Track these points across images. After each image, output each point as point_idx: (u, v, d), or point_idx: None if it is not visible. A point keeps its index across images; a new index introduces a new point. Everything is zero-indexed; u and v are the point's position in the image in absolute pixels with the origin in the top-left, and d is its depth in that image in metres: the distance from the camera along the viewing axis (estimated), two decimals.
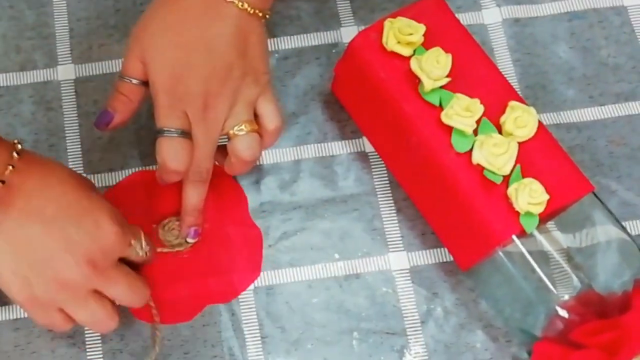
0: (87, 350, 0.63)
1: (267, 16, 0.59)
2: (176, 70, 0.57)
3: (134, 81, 0.60)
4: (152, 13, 0.59)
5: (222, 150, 0.62)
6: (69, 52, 0.71)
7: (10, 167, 0.52)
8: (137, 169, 0.68)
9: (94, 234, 0.54)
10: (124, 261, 0.57)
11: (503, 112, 0.60)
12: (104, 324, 0.56)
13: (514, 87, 0.65)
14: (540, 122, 0.60)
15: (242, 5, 0.57)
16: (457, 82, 0.60)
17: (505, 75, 0.63)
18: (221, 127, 0.59)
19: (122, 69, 0.60)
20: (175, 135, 0.58)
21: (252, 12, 0.57)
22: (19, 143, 0.54)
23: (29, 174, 0.53)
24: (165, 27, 0.58)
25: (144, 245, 0.58)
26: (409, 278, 0.66)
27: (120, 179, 0.67)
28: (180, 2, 0.57)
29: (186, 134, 0.59)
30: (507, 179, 0.59)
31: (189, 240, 0.64)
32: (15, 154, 0.53)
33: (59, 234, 0.53)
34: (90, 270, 0.53)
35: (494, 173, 0.58)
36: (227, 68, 0.58)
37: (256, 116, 0.61)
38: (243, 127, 0.59)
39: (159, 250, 0.64)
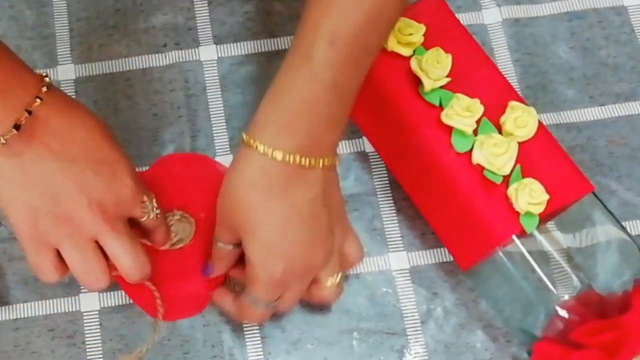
0: (87, 350, 0.63)
1: (338, 160, 0.57)
2: (273, 248, 0.55)
3: (230, 247, 0.59)
4: (237, 187, 0.55)
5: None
6: (69, 52, 0.71)
7: (39, 100, 0.52)
8: (137, 168, 0.68)
9: (110, 183, 0.54)
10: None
11: (503, 112, 0.60)
12: (93, 278, 0.55)
13: (514, 87, 0.65)
14: (540, 122, 0.60)
15: (323, 165, 0.54)
16: (457, 82, 0.60)
17: (505, 75, 0.63)
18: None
19: (217, 234, 0.59)
20: (262, 306, 0.58)
21: (330, 165, 0.55)
22: (46, 76, 0.53)
23: (56, 110, 0.53)
24: (253, 206, 0.55)
25: (155, 207, 0.58)
26: (409, 278, 0.66)
27: None
28: (261, 177, 0.54)
29: (272, 304, 0.59)
30: (507, 179, 0.59)
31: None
32: (44, 88, 0.52)
33: (77, 175, 0.53)
34: (100, 214, 0.53)
35: (494, 173, 0.58)
36: (325, 230, 0.56)
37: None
38: (335, 277, 0.59)
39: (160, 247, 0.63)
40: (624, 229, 0.61)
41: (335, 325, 0.64)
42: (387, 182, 0.68)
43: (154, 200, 0.58)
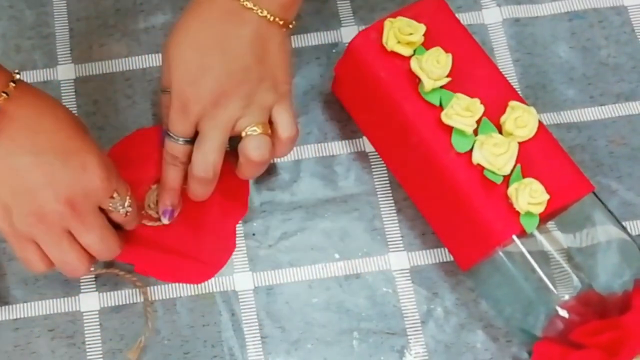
0: (87, 350, 0.63)
1: (291, 26, 0.60)
2: (191, 73, 0.58)
3: (180, 141, 0.61)
4: (178, 22, 0.59)
5: (234, 154, 0.62)
6: (69, 52, 0.71)
7: (5, 95, 0.53)
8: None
9: (79, 174, 0.54)
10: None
11: (503, 112, 0.60)
12: (73, 267, 0.57)
13: (514, 87, 0.65)
14: (540, 122, 0.60)
15: (261, 13, 0.57)
16: (457, 82, 0.60)
17: (506, 75, 0.63)
18: (231, 125, 0.59)
19: (160, 81, 0.61)
20: (180, 143, 0.60)
21: (272, 19, 0.58)
22: (18, 73, 0.54)
23: (25, 104, 0.54)
24: (186, 33, 0.58)
25: (126, 204, 0.58)
26: (409, 278, 0.66)
27: None
28: (203, 9, 0.58)
29: (190, 142, 0.60)
30: (507, 179, 0.59)
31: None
32: (12, 83, 0.54)
33: (45, 167, 0.53)
34: (68, 209, 0.54)
35: (494, 173, 0.58)
36: (242, 70, 0.58)
37: (271, 124, 0.61)
38: (255, 128, 0.59)
39: (144, 222, 0.64)
40: (624, 229, 0.61)
41: (336, 325, 0.64)
42: (387, 182, 0.68)
43: (128, 197, 0.58)
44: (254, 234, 0.67)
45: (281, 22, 0.58)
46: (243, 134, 0.59)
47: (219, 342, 0.64)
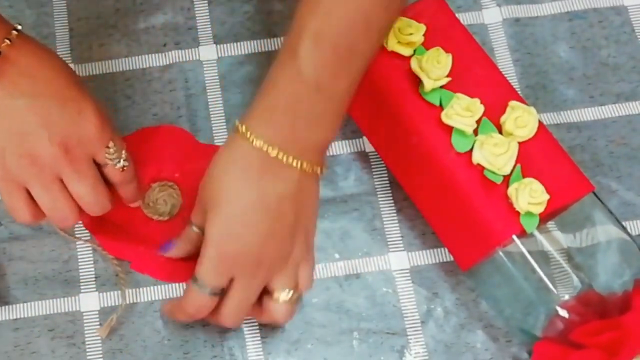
0: (87, 350, 0.63)
1: (323, 172, 0.58)
2: (231, 228, 0.56)
3: (195, 229, 0.60)
4: (217, 170, 0.57)
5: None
6: (69, 51, 0.71)
7: (7, 41, 0.54)
8: None
9: (75, 120, 0.55)
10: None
11: (503, 112, 0.60)
12: (61, 215, 0.57)
13: (514, 87, 0.65)
14: (540, 122, 0.60)
15: (301, 167, 0.55)
16: (458, 82, 0.60)
17: (506, 75, 0.63)
18: (263, 285, 0.58)
19: (192, 216, 0.60)
20: (207, 293, 0.57)
21: (310, 170, 0.56)
22: (19, 24, 0.55)
23: (26, 51, 0.55)
24: (226, 188, 0.56)
25: (122, 157, 0.57)
26: (409, 278, 0.66)
27: None
28: (243, 166, 0.56)
29: (218, 293, 0.58)
30: (507, 179, 0.59)
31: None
32: (14, 31, 0.55)
33: (41, 110, 0.54)
34: (62, 153, 0.54)
35: (494, 173, 0.58)
36: (285, 229, 0.56)
37: None
38: (287, 293, 0.58)
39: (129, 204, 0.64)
40: (624, 228, 0.61)
41: (336, 325, 0.64)
42: (387, 182, 0.68)
43: (124, 151, 0.58)
44: None
45: (319, 171, 0.57)
46: (275, 295, 0.58)
47: (219, 342, 0.64)
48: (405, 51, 0.61)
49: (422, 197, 0.65)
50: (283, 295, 0.58)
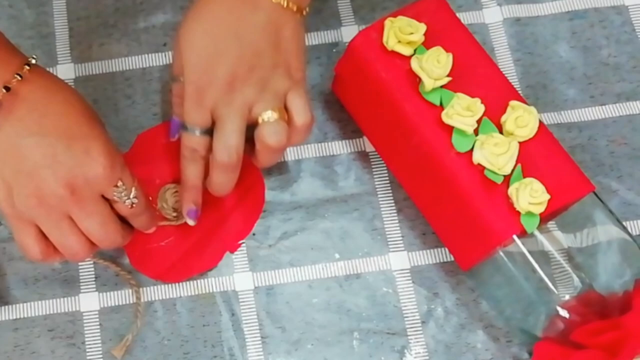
0: (87, 350, 0.63)
1: (305, 12, 0.59)
2: (204, 59, 0.57)
3: (182, 79, 0.59)
4: (190, 10, 0.59)
5: (251, 144, 0.61)
6: (69, 51, 0.71)
7: (18, 77, 0.53)
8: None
9: (81, 160, 0.54)
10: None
11: (504, 111, 0.60)
12: (73, 251, 0.56)
13: (515, 86, 0.65)
14: (541, 122, 0.60)
15: (275, 0, 0.57)
16: (458, 82, 0.60)
17: (506, 75, 0.63)
18: (247, 109, 0.58)
19: (170, 70, 0.60)
20: (197, 134, 0.58)
21: (286, 5, 0.57)
22: (34, 58, 0.55)
23: (37, 87, 0.54)
24: (198, 21, 0.58)
25: (132, 195, 0.57)
26: (409, 278, 0.66)
27: None
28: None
29: (208, 133, 0.59)
30: (507, 179, 0.59)
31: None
32: (26, 67, 0.54)
33: (48, 150, 0.53)
34: (68, 194, 0.54)
35: (494, 173, 0.58)
36: (255, 55, 0.57)
37: (286, 110, 0.59)
38: (271, 114, 0.58)
39: (160, 223, 0.64)
40: (624, 228, 0.60)
41: (336, 325, 0.64)
42: (387, 182, 0.68)
43: (133, 188, 0.57)
44: (254, 234, 0.67)
45: (295, 8, 0.58)
46: (260, 120, 0.58)
47: (219, 342, 0.64)
48: (406, 51, 0.61)
49: (423, 197, 0.65)
50: (265, 116, 0.58)
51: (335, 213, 0.67)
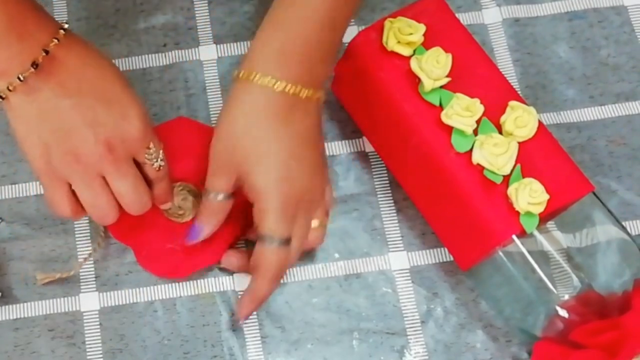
0: (87, 350, 0.63)
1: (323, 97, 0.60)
2: (285, 171, 0.58)
3: (220, 197, 0.60)
4: (237, 121, 0.58)
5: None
6: None
7: (56, 40, 0.54)
8: None
9: (119, 121, 0.56)
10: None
11: (503, 112, 0.60)
12: (101, 212, 0.58)
13: (514, 87, 0.65)
14: (540, 122, 0.60)
15: (318, 95, 0.59)
16: (457, 82, 0.60)
17: (506, 75, 0.63)
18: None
19: (211, 184, 0.60)
20: (277, 246, 0.58)
21: (322, 98, 0.60)
22: (66, 23, 0.56)
23: (73, 51, 0.56)
24: (260, 134, 0.57)
25: (160, 157, 0.58)
26: (409, 278, 0.66)
27: None
28: (263, 106, 0.57)
29: (285, 243, 0.59)
30: (507, 179, 0.59)
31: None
32: (61, 31, 0.55)
33: (87, 111, 0.55)
34: (106, 152, 0.55)
35: (494, 173, 0.58)
36: (324, 158, 0.61)
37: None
38: (321, 218, 0.62)
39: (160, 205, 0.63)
40: (624, 228, 0.60)
41: (336, 325, 0.64)
42: (387, 182, 0.68)
43: (161, 151, 0.59)
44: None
45: (324, 97, 0.60)
46: (314, 224, 0.61)
47: (218, 342, 0.64)
48: (405, 51, 0.61)
49: (422, 197, 0.65)
50: (316, 222, 0.61)
51: (335, 213, 0.67)
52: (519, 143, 0.59)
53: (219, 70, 0.71)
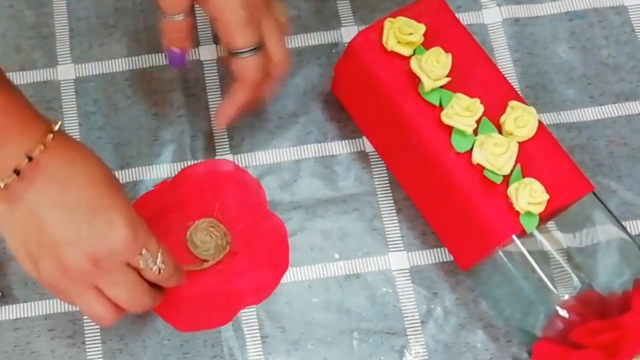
0: (87, 350, 0.63)
1: None
2: None
3: (179, 17, 0.59)
4: None
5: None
6: (69, 51, 0.71)
7: (42, 147, 0.52)
8: (137, 168, 0.68)
9: (104, 232, 0.53)
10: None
11: (503, 111, 0.60)
12: (99, 317, 0.56)
13: (514, 86, 0.65)
14: (540, 122, 0.60)
15: None
16: (457, 82, 0.60)
17: (506, 75, 0.63)
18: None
19: (163, 8, 0.59)
20: (255, 52, 0.59)
21: None
22: (56, 124, 0.54)
23: (59, 157, 0.53)
24: None
25: (158, 260, 0.56)
26: (409, 278, 0.66)
27: (121, 179, 0.67)
28: None
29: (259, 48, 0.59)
30: (507, 179, 0.59)
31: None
32: (50, 135, 0.53)
33: (70, 224, 0.53)
34: (91, 267, 0.54)
35: (494, 173, 0.58)
36: None
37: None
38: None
39: (186, 268, 0.62)
40: (624, 228, 0.60)
41: (336, 325, 0.64)
42: (387, 181, 0.68)
43: (159, 253, 0.56)
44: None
45: None
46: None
47: (218, 342, 0.64)
48: (405, 51, 0.61)
49: (422, 197, 0.65)
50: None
51: (335, 213, 0.67)
52: (519, 143, 0.59)
53: (219, 70, 0.71)
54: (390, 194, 0.68)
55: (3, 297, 0.64)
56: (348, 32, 0.72)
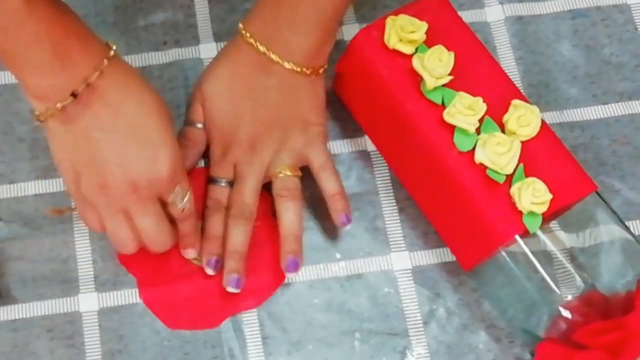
0: (86, 350, 0.63)
1: (321, 71, 0.63)
2: (227, 121, 0.63)
3: (199, 125, 0.65)
4: (213, 65, 0.65)
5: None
6: None
7: (98, 72, 0.55)
8: None
9: (148, 165, 0.57)
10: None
11: (506, 110, 0.60)
12: (121, 243, 0.60)
13: (517, 85, 0.65)
14: (543, 121, 0.60)
15: (287, 66, 0.61)
16: (460, 81, 0.60)
17: (508, 74, 0.63)
18: (265, 169, 0.63)
19: (187, 115, 0.66)
20: (223, 185, 0.64)
21: (298, 70, 0.62)
22: (112, 49, 0.56)
23: (115, 82, 0.56)
24: (220, 81, 0.64)
25: (186, 198, 0.60)
26: (411, 278, 0.65)
27: None
28: (233, 61, 0.63)
29: (232, 184, 0.64)
30: (510, 178, 0.59)
31: (229, 289, 0.62)
32: (105, 60, 0.55)
33: (119, 148, 0.56)
34: (130, 191, 0.57)
35: (496, 172, 0.58)
36: (273, 117, 0.63)
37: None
38: (287, 171, 0.64)
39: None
40: (627, 228, 0.60)
41: (337, 326, 0.64)
42: (389, 181, 0.68)
43: (188, 194, 0.60)
44: None
45: (308, 71, 0.62)
46: (274, 177, 0.64)
47: (219, 343, 0.64)
48: (407, 49, 0.61)
49: (424, 197, 0.65)
50: (280, 174, 0.64)
51: None
52: (521, 142, 0.59)
53: None
54: (392, 194, 0.67)
55: (2, 298, 0.64)
56: (349, 30, 0.72)
